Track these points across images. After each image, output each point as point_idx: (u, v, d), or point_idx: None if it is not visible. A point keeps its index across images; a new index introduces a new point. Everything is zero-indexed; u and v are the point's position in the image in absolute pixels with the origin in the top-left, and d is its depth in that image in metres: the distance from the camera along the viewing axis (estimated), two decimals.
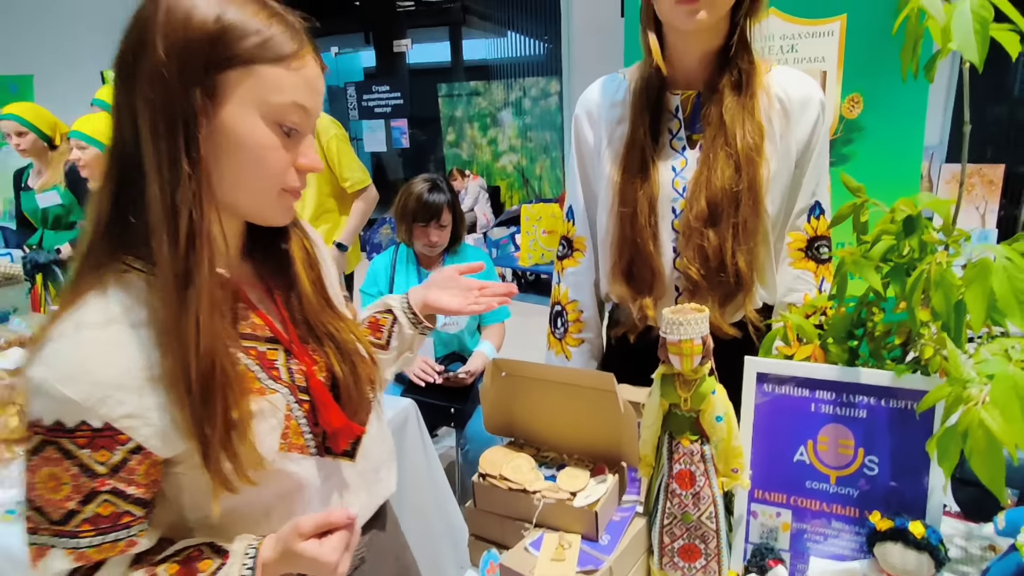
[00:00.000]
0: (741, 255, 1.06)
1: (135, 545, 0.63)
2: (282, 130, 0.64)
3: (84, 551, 0.60)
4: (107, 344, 0.59)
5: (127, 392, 0.59)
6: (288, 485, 0.71)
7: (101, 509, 0.60)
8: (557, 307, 1.32)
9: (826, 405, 0.86)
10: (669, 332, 0.83)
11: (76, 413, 0.58)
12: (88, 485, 0.59)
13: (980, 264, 0.64)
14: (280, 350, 0.72)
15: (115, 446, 0.59)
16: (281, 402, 0.69)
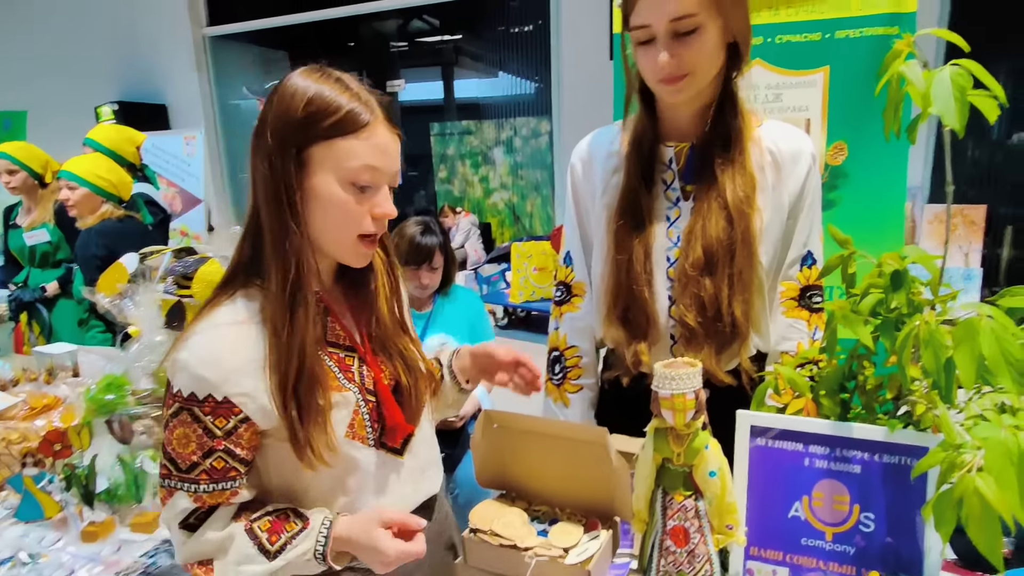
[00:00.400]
0: (737, 304, 1.07)
1: (237, 495, 0.82)
2: (356, 188, 0.81)
3: (200, 494, 0.80)
4: (233, 339, 0.79)
5: (243, 376, 0.78)
6: (350, 467, 0.87)
7: (216, 463, 0.79)
8: (555, 353, 1.32)
9: (820, 460, 0.86)
10: (661, 386, 0.83)
11: (206, 388, 0.77)
12: (208, 444, 0.79)
13: (968, 324, 0.64)
14: (355, 357, 0.90)
15: (230, 415, 0.79)
16: (352, 398, 0.86)
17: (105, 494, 1.26)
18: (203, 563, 0.81)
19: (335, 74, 0.82)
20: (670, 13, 0.98)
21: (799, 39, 1.83)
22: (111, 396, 1.39)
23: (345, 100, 0.79)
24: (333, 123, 0.78)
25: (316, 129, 0.78)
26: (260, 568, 0.80)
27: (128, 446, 1.24)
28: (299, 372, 0.80)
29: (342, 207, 0.81)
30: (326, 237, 0.84)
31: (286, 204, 0.79)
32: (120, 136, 2.76)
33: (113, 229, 2.40)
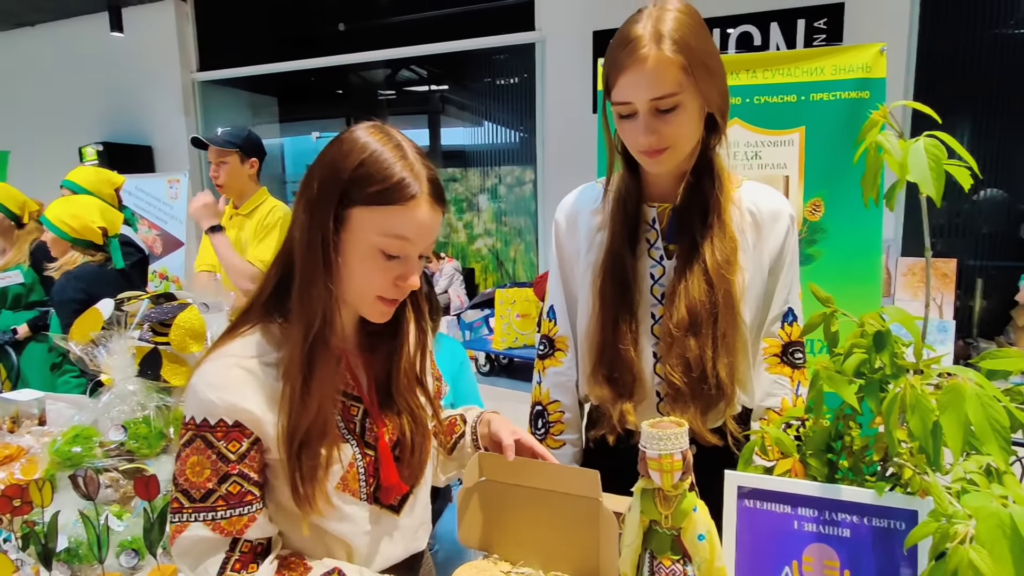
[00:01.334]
0: (722, 366, 1.07)
1: (255, 520, 0.80)
2: (385, 255, 0.81)
3: (218, 522, 0.78)
4: (243, 369, 0.80)
5: (253, 405, 0.79)
6: (341, 520, 0.85)
7: (232, 488, 0.79)
8: (538, 407, 1.30)
9: (809, 523, 0.85)
10: (649, 446, 0.82)
11: (217, 412, 0.78)
12: (223, 469, 0.78)
13: (953, 389, 0.65)
14: (360, 408, 0.89)
15: (242, 438, 0.79)
16: (348, 451, 0.85)
17: (65, 554, 1.20)
18: None
19: (396, 138, 0.82)
20: (651, 93, 1.01)
21: (776, 100, 1.90)
22: (78, 448, 1.33)
23: (398, 169, 0.79)
24: (379, 191, 0.78)
25: (362, 192, 0.79)
26: None
27: (92, 502, 1.19)
28: (311, 424, 0.80)
29: (367, 271, 0.81)
30: (350, 293, 0.84)
31: (321, 256, 0.80)
32: (98, 178, 2.75)
33: (90, 273, 2.36)
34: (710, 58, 1.03)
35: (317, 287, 0.80)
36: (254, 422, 0.79)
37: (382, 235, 0.79)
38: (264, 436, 0.80)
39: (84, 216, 2.39)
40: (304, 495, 0.80)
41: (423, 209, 0.81)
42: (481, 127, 7.47)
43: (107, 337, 1.48)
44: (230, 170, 2.45)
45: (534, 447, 1.00)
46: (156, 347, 1.45)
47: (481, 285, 7.06)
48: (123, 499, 1.37)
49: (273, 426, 0.80)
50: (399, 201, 0.79)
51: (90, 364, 1.45)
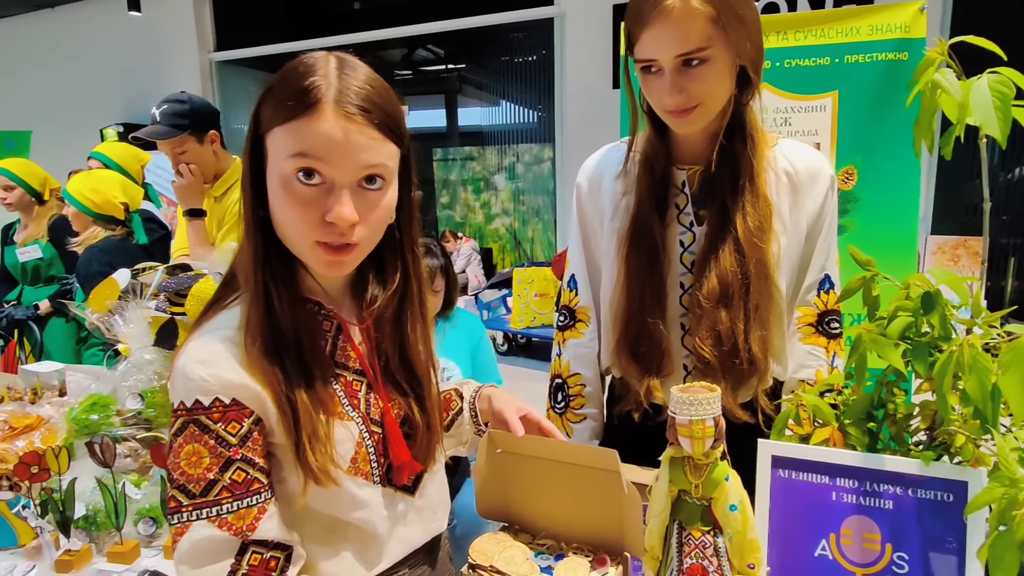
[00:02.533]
0: (755, 339, 1.01)
1: (266, 512, 0.70)
2: (301, 184, 0.69)
3: (225, 516, 0.68)
4: (231, 343, 0.71)
5: (246, 378, 0.70)
6: (354, 506, 0.77)
7: (236, 476, 0.69)
8: (557, 380, 1.26)
9: (848, 494, 0.80)
10: (679, 412, 0.77)
11: (211, 391, 0.68)
12: (225, 454, 0.68)
13: (1016, 347, 0.59)
14: (364, 383, 0.81)
15: (242, 418, 0.70)
16: (355, 430, 0.77)
17: (83, 520, 1.19)
18: None
19: (329, 55, 0.71)
20: (677, 49, 0.93)
21: (808, 63, 1.82)
22: (95, 416, 1.33)
23: (304, 80, 0.68)
24: (283, 105, 0.68)
25: (268, 113, 0.70)
26: None
27: (109, 470, 1.18)
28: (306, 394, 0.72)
29: (286, 206, 0.69)
30: (286, 239, 0.73)
31: (249, 200, 0.72)
32: (128, 152, 2.74)
33: (115, 247, 2.36)
34: (742, 6, 0.96)
35: (253, 235, 0.72)
36: (253, 398, 0.70)
37: (290, 155, 0.68)
38: (266, 414, 0.71)
39: (105, 191, 2.39)
40: (311, 463, 0.71)
41: (329, 119, 0.67)
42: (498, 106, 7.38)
43: (124, 307, 1.47)
44: (193, 158, 2.04)
45: (541, 423, 0.93)
46: (172, 317, 1.43)
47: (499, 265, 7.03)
48: (141, 468, 1.36)
49: (268, 400, 0.71)
50: (300, 113, 0.67)
51: (107, 333, 1.44)
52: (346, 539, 0.79)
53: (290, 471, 0.73)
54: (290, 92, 0.68)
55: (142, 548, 1.20)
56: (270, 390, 0.70)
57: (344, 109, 0.68)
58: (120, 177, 2.50)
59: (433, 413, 0.87)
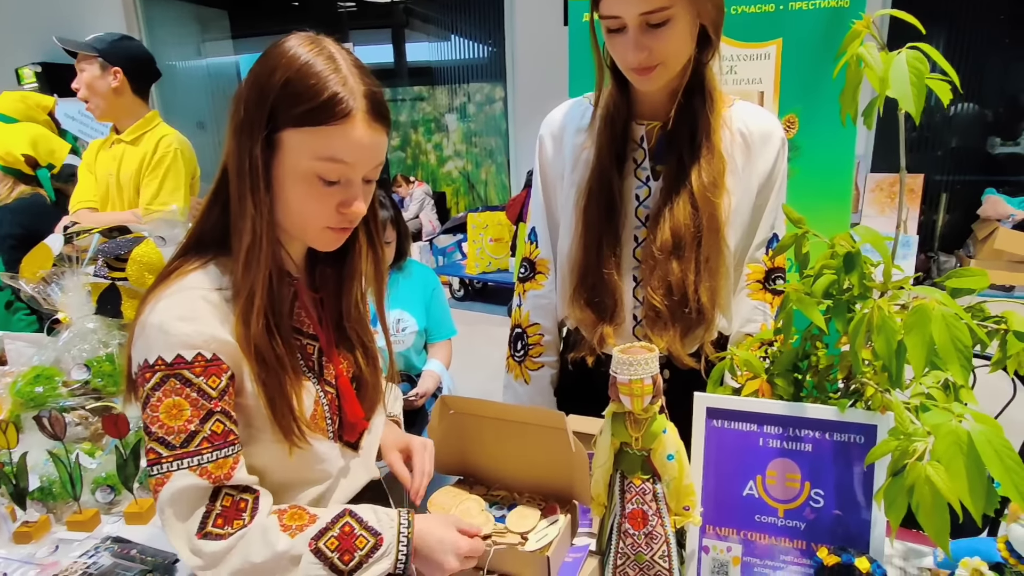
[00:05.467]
0: (704, 290, 1.06)
1: (239, 462, 0.75)
2: (324, 181, 0.74)
3: (205, 466, 0.72)
4: (208, 302, 0.74)
5: (224, 334, 0.74)
6: (316, 461, 0.83)
7: (216, 427, 0.73)
8: (517, 330, 1.30)
9: (774, 439, 0.87)
10: (620, 371, 0.82)
11: (193, 346, 0.72)
12: (206, 407, 0.72)
13: (920, 311, 0.65)
14: (316, 346, 0.85)
15: (221, 373, 0.74)
16: (312, 390, 0.82)
17: (38, 492, 1.19)
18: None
19: (329, 49, 0.74)
20: (641, 7, 0.94)
21: (754, 10, 1.82)
22: (40, 389, 1.30)
23: (329, 84, 0.71)
24: (309, 110, 0.71)
25: (290, 112, 0.71)
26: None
27: (61, 442, 1.17)
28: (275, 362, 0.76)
29: (307, 200, 0.75)
30: (291, 223, 0.79)
31: (249, 187, 0.73)
32: (26, 104, 2.52)
33: (26, 206, 2.22)
34: None
35: (249, 220, 0.74)
36: (231, 355, 0.74)
37: (316, 159, 0.73)
38: (240, 372, 0.75)
39: (9, 143, 2.22)
40: (287, 425, 0.77)
41: (359, 128, 0.73)
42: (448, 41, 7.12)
43: (59, 274, 1.42)
44: (87, 80, 2.05)
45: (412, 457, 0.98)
46: (113, 283, 1.39)
47: (453, 209, 6.96)
48: (94, 437, 1.35)
49: (245, 360, 0.75)
50: (331, 120, 0.71)
51: (44, 303, 1.40)
52: (301, 488, 0.84)
53: (258, 430, 0.78)
54: (314, 97, 0.71)
55: (102, 515, 1.21)
56: (248, 350, 0.74)
57: (372, 119, 0.74)
58: (34, 130, 2.32)
59: (377, 367, 0.93)
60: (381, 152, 0.77)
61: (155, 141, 2.12)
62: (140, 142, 2.13)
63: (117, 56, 2.06)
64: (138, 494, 1.22)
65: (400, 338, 2.07)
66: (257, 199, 0.74)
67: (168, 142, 2.14)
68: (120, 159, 2.13)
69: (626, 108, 1.11)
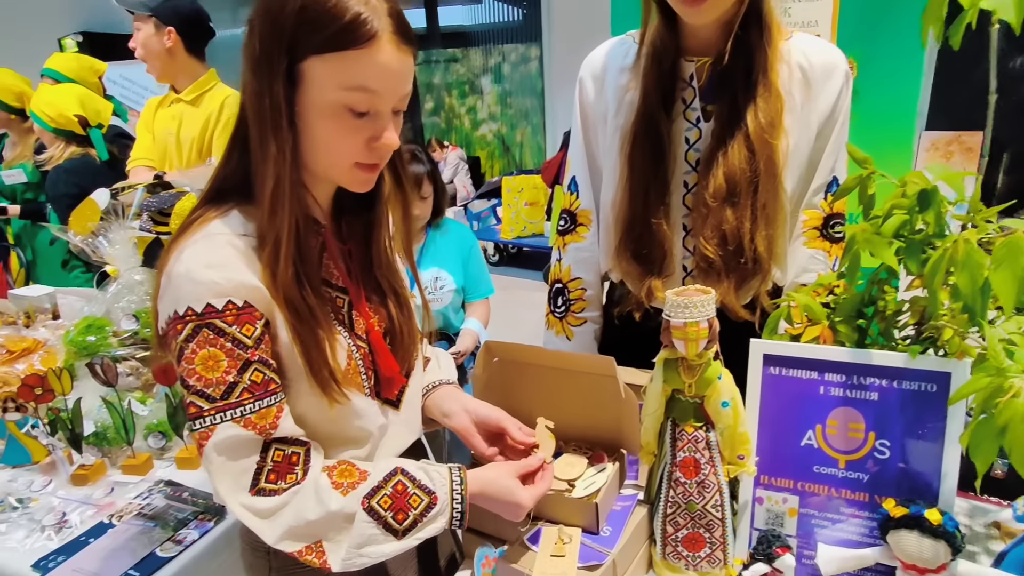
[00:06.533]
0: (760, 238, 1.00)
1: (283, 411, 0.72)
2: (353, 113, 0.69)
3: (248, 417, 0.69)
4: (235, 247, 0.70)
5: (254, 280, 0.70)
6: (354, 416, 0.79)
7: (255, 377, 0.70)
8: (557, 285, 1.26)
9: (836, 388, 0.83)
10: (673, 315, 0.78)
11: (223, 293, 0.68)
12: (243, 356, 0.69)
13: (1010, 243, 0.59)
14: (346, 299, 0.81)
15: (254, 320, 0.70)
16: (344, 344, 0.78)
17: (93, 437, 1.23)
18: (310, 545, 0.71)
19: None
20: None
21: None
22: (92, 338, 1.33)
23: (351, 4, 0.66)
24: (331, 34, 0.66)
25: (310, 40, 0.66)
26: (388, 548, 0.72)
27: (113, 388, 1.20)
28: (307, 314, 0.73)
29: (335, 135, 0.70)
30: (319, 162, 0.74)
31: (271, 126, 0.68)
32: (80, 65, 2.56)
33: (79, 166, 2.27)
34: None
35: (272, 163, 0.69)
36: (263, 300, 0.70)
37: (343, 89, 0.67)
38: (273, 318, 0.71)
39: (60, 104, 2.26)
40: (324, 378, 0.73)
41: (386, 51, 0.68)
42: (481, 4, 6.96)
43: (106, 228, 1.44)
44: (142, 40, 2.03)
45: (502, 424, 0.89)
46: (158, 237, 1.41)
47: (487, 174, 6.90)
48: (145, 386, 1.39)
49: (277, 308, 0.71)
50: (356, 44, 0.66)
51: (92, 255, 1.42)
52: (341, 448, 0.80)
53: (293, 380, 0.75)
54: (336, 20, 0.66)
55: (154, 460, 1.24)
56: (278, 299, 0.71)
57: (400, 40, 0.69)
58: (79, 90, 2.35)
59: (411, 316, 0.88)
60: (410, 78, 0.72)
61: (219, 101, 2.12)
62: (201, 102, 2.12)
63: (170, 15, 2.03)
64: (188, 440, 1.25)
65: (437, 296, 2.06)
66: (280, 139, 0.69)
67: (233, 102, 2.13)
68: (180, 119, 2.13)
69: (674, 44, 1.04)
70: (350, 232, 0.84)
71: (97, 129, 2.33)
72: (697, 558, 0.84)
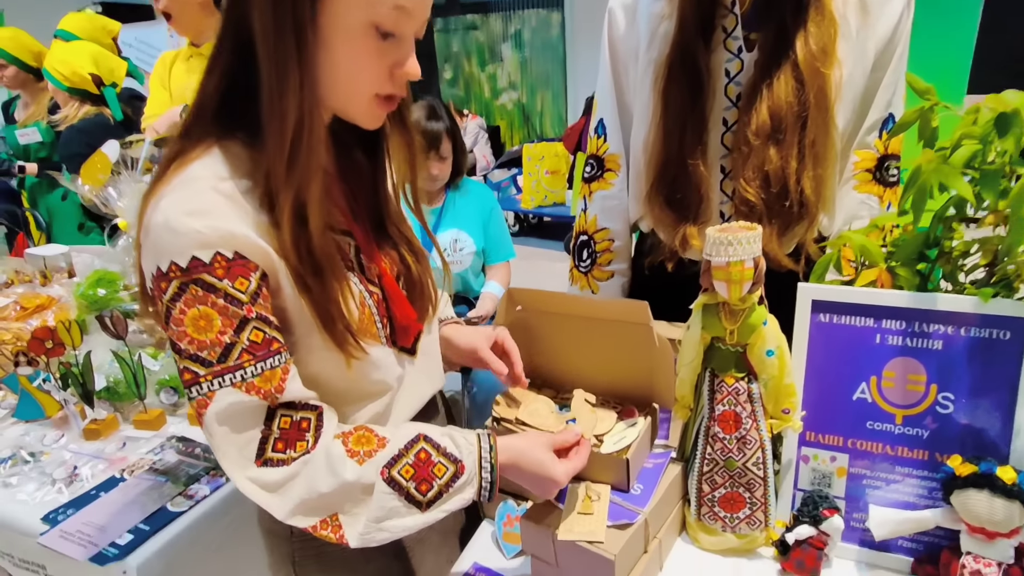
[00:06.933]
0: (808, 179, 0.92)
1: (289, 372, 0.65)
2: (379, 34, 0.63)
3: (251, 381, 0.62)
4: (220, 194, 0.61)
5: (246, 229, 0.61)
6: (372, 369, 0.73)
7: (254, 336, 0.62)
8: (583, 237, 1.19)
9: (894, 336, 0.75)
10: (715, 254, 0.71)
11: (209, 244, 0.60)
12: (238, 314, 0.61)
13: None
14: (352, 244, 0.73)
15: (248, 273, 0.62)
16: (356, 290, 0.71)
17: (105, 392, 1.20)
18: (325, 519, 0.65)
19: None
20: None
21: None
22: (102, 291, 1.30)
23: None
24: None
25: None
26: (411, 521, 0.66)
27: (124, 342, 1.16)
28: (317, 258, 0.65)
29: (360, 58, 0.64)
30: (335, 91, 0.66)
31: (295, 45, 0.60)
32: (92, 24, 2.50)
33: (93, 126, 2.23)
34: None
35: (292, 88, 0.61)
36: (256, 250, 0.62)
37: (374, 5, 0.61)
38: (273, 269, 0.64)
39: (74, 62, 2.22)
40: (339, 332, 0.67)
41: None
42: None
43: (117, 180, 1.40)
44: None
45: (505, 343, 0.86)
46: None
47: (507, 143, 6.78)
48: (158, 343, 1.35)
49: (278, 259, 0.63)
50: None
51: (103, 207, 1.38)
52: (359, 403, 0.74)
53: (303, 336, 0.68)
54: None
55: (167, 416, 1.21)
56: (282, 246, 0.63)
57: None
58: (92, 48, 2.30)
59: (426, 264, 0.82)
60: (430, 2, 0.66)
61: None
62: None
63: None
64: None
65: (457, 258, 2.00)
66: (305, 66, 0.61)
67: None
68: (200, 72, 2.08)
69: None
70: (353, 173, 0.76)
71: (111, 88, 2.29)
72: (735, 519, 0.78)
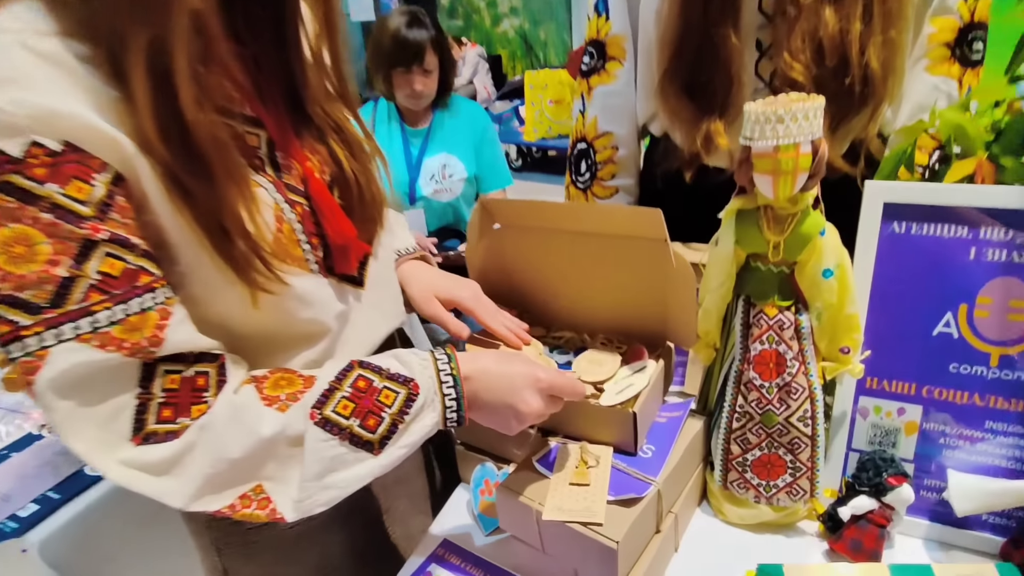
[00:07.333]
0: (874, 48, 0.70)
1: (170, 315, 0.47)
2: None
3: (107, 331, 0.44)
4: (36, 53, 0.42)
5: (81, 108, 0.43)
6: (299, 305, 0.55)
7: (107, 266, 0.44)
8: (581, 145, 0.98)
9: (995, 249, 0.56)
10: (759, 135, 0.51)
11: (14, 130, 0.41)
12: (76, 233, 0.43)
13: None
14: (262, 136, 0.54)
15: (88, 173, 0.44)
16: (268, 199, 0.52)
17: None
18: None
19: None
20: None
21: None
22: None
23: None
24: None
25: None
26: (363, 469, 0.51)
27: None
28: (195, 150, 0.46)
29: None
30: None
31: None
32: None
33: None
34: None
35: None
36: (100, 139, 0.44)
37: None
38: (130, 168, 0.45)
39: None
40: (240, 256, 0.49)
41: None
42: None
43: None
44: None
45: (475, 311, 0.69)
46: None
47: (509, 73, 6.43)
48: None
49: (137, 152, 0.45)
50: None
51: None
52: (284, 353, 0.57)
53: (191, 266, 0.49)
54: None
55: None
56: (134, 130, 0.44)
57: None
58: None
59: (368, 169, 0.61)
60: None
61: None
62: None
63: None
64: None
65: (446, 186, 1.80)
66: None
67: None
68: None
69: None
70: (250, 29, 0.55)
71: None
72: (772, 487, 0.61)
